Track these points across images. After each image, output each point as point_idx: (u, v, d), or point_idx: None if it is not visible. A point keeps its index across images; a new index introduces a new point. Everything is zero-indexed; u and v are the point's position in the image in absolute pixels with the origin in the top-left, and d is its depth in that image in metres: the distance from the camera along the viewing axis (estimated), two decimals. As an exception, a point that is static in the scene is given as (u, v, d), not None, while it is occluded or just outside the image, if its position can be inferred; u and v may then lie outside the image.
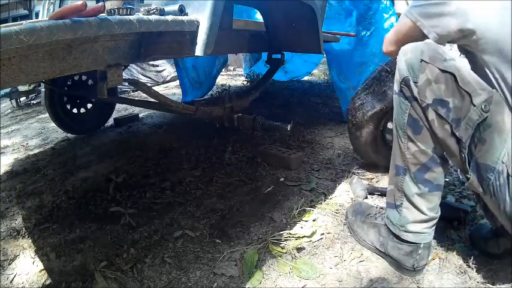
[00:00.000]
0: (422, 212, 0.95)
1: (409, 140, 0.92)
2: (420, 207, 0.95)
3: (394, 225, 1.01)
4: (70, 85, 2.35)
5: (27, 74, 0.71)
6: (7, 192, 1.74)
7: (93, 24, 0.72)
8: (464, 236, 1.16)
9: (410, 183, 0.94)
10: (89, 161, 2.03)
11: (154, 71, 4.73)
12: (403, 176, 0.96)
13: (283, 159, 1.76)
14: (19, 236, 1.34)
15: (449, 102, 0.81)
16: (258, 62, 3.73)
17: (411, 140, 0.91)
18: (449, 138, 0.84)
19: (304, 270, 1.05)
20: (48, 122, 3.02)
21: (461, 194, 1.43)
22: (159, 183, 1.65)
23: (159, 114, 2.98)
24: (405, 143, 0.93)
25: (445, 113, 0.82)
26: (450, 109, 0.81)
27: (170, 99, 1.44)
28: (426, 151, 0.90)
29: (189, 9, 1.03)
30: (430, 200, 0.94)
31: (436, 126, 0.85)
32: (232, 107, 1.73)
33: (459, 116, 0.80)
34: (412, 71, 0.86)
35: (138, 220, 1.36)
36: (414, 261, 0.99)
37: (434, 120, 0.85)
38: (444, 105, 0.82)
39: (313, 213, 1.34)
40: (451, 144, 0.85)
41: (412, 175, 0.94)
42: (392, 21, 2.27)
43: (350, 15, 2.47)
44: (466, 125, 0.80)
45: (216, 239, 1.22)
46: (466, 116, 0.79)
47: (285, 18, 1.65)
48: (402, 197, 0.98)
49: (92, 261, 1.14)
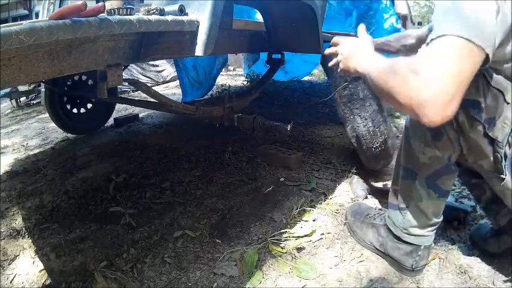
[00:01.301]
0: (427, 217, 0.94)
1: (426, 145, 0.88)
2: (426, 212, 0.94)
3: (396, 227, 1.01)
4: (70, 85, 2.35)
5: (27, 74, 0.71)
6: (7, 192, 1.73)
7: (93, 24, 0.71)
8: (464, 236, 1.16)
9: (419, 187, 0.92)
10: (89, 161, 2.03)
11: (154, 71, 4.72)
12: (413, 180, 0.93)
13: (283, 159, 1.76)
14: (19, 236, 1.34)
15: (480, 103, 0.76)
16: (258, 62, 3.73)
17: (428, 145, 0.88)
18: (482, 139, 0.79)
19: (304, 270, 1.05)
20: (48, 122, 3.02)
21: (461, 194, 1.43)
22: (159, 183, 1.65)
23: (159, 114, 2.98)
24: (420, 148, 0.89)
25: (477, 113, 0.76)
26: (482, 109, 0.76)
27: (170, 99, 1.44)
28: (442, 158, 0.87)
29: (189, 9, 1.03)
30: (437, 205, 0.94)
31: (467, 129, 0.79)
32: (232, 107, 1.72)
33: (493, 116, 0.76)
34: None
35: (138, 220, 1.36)
36: (414, 261, 0.99)
37: (464, 121, 0.79)
38: (476, 106, 0.76)
39: (313, 213, 1.34)
40: (483, 145, 0.79)
41: (423, 180, 0.91)
42: (392, 21, 2.27)
43: (350, 15, 2.47)
44: (502, 123, 0.76)
45: (216, 239, 1.22)
46: (502, 115, 0.75)
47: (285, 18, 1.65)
48: (408, 200, 0.96)
49: (92, 261, 1.14)
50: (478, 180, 1.05)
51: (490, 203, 1.04)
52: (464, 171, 0.99)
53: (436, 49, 0.61)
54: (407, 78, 0.61)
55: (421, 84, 0.58)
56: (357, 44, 0.91)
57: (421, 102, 0.58)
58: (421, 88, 0.58)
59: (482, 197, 1.06)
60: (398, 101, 0.62)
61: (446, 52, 0.60)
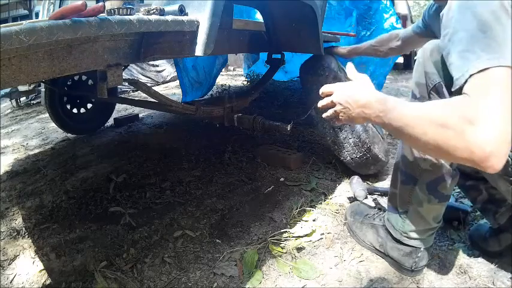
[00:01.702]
0: (428, 222, 0.94)
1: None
2: (426, 217, 0.93)
3: (395, 230, 1.01)
4: (70, 85, 2.35)
5: (27, 74, 0.71)
6: (7, 192, 1.74)
7: (93, 24, 0.71)
8: (464, 236, 1.16)
9: (420, 193, 0.92)
10: (89, 161, 2.03)
11: (154, 71, 4.73)
12: (413, 186, 0.93)
13: (283, 159, 1.76)
14: (19, 236, 1.34)
15: None
16: (258, 62, 3.73)
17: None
18: None
19: (304, 270, 1.05)
20: (48, 122, 3.02)
21: (461, 194, 1.43)
22: (159, 183, 1.65)
23: (159, 114, 2.98)
24: (421, 155, 0.88)
25: None
26: None
27: (170, 99, 1.44)
28: (444, 164, 0.86)
29: (189, 9, 1.03)
30: (437, 210, 0.93)
31: None
32: (232, 107, 1.72)
33: None
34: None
35: (138, 220, 1.36)
36: (413, 262, 0.99)
37: None
38: None
39: (313, 213, 1.34)
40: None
41: (424, 186, 0.90)
42: (392, 21, 2.27)
43: (350, 15, 2.47)
44: None
45: (216, 239, 1.22)
46: None
47: (285, 18, 1.65)
48: (408, 204, 0.96)
49: (92, 261, 1.14)
50: (474, 182, 1.05)
51: (487, 203, 1.04)
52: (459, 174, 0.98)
53: (483, 90, 0.56)
54: (463, 132, 0.55)
55: (482, 137, 0.53)
56: (356, 90, 0.75)
57: (486, 155, 0.54)
58: (483, 141, 0.53)
59: (479, 197, 1.05)
60: (454, 156, 0.57)
61: (496, 91, 0.55)
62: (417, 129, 0.61)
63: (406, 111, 0.64)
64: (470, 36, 0.60)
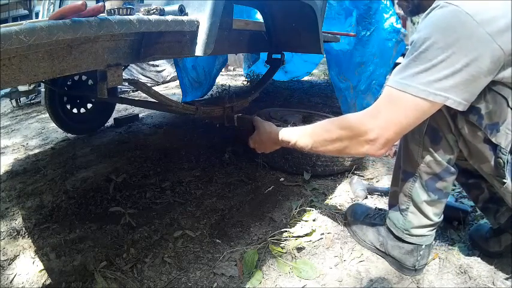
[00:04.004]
0: (429, 218, 0.95)
1: (424, 149, 0.89)
2: (427, 213, 0.95)
3: (397, 228, 1.01)
4: (70, 85, 2.35)
5: (27, 74, 0.71)
6: (7, 192, 1.74)
7: (93, 24, 0.71)
8: (464, 236, 1.16)
9: (420, 190, 0.93)
10: (89, 161, 2.03)
11: (154, 71, 4.72)
12: (413, 183, 0.94)
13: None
14: (19, 236, 1.34)
15: (480, 109, 0.75)
16: (258, 62, 3.73)
17: (427, 149, 0.88)
18: (482, 144, 0.79)
19: (304, 270, 1.05)
20: (48, 122, 3.02)
21: (461, 194, 1.43)
22: (159, 183, 1.65)
23: (159, 114, 2.98)
24: (419, 152, 0.90)
25: (477, 120, 0.76)
26: (482, 116, 0.75)
27: (170, 99, 1.44)
28: (442, 162, 0.88)
29: (189, 9, 1.03)
30: (438, 207, 0.94)
31: (466, 134, 0.80)
32: (232, 107, 1.72)
33: (496, 121, 0.75)
34: None
35: (138, 220, 1.36)
36: (415, 260, 0.99)
37: (464, 127, 0.80)
38: (475, 112, 0.76)
39: (313, 213, 1.34)
40: (484, 150, 0.79)
41: (424, 183, 0.92)
42: (392, 21, 2.27)
43: (350, 15, 2.47)
44: (505, 129, 0.75)
45: (216, 239, 1.22)
46: (505, 121, 0.74)
47: (285, 18, 1.65)
48: (409, 202, 0.97)
49: (92, 261, 1.14)
50: (476, 180, 1.05)
51: (488, 202, 1.04)
52: (461, 172, 0.99)
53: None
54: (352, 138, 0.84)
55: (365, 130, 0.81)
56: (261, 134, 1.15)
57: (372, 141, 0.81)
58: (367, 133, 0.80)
59: (480, 196, 1.06)
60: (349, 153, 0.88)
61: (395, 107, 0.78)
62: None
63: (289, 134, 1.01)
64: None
